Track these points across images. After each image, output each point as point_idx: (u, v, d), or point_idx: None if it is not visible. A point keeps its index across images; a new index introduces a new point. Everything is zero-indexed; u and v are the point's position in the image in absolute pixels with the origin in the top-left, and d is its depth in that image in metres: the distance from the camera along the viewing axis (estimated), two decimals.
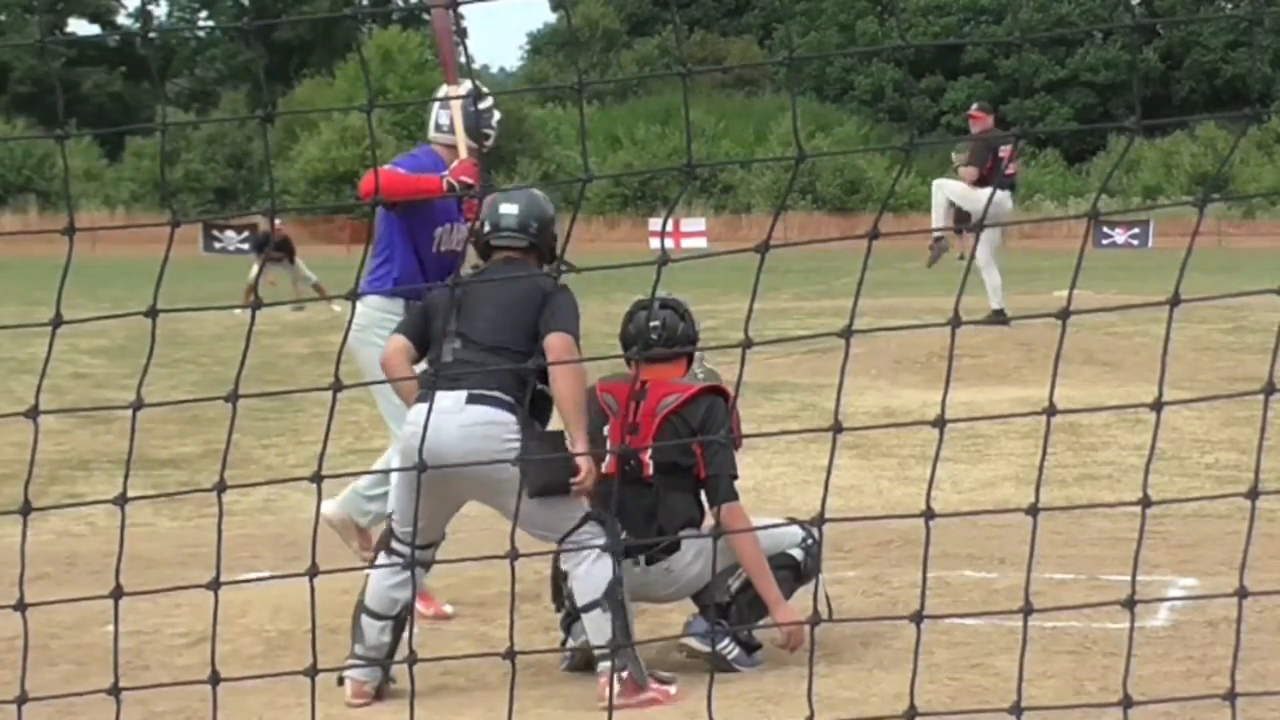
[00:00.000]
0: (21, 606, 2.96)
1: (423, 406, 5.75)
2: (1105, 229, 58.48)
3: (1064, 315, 2.62)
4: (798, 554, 6.22)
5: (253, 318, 2.92)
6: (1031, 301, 24.46)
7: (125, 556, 3.05)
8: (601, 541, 5.83)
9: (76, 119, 73.57)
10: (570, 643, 6.13)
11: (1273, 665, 5.73)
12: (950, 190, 16.56)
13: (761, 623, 6.10)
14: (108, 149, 74.73)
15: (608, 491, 6.01)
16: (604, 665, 5.71)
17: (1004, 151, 16.40)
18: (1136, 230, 58.94)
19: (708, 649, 5.94)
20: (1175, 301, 2.47)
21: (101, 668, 5.71)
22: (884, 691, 5.45)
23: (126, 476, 3.06)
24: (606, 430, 6.19)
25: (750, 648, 6.19)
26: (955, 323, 2.59)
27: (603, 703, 5.59)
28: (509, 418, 5.77)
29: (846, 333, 2.71)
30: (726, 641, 6.09)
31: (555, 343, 5.82)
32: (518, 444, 5.71)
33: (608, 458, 6.12)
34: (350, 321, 3.58)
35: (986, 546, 7.95)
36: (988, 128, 16.94)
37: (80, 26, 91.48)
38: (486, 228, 6.18)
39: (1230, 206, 65.10)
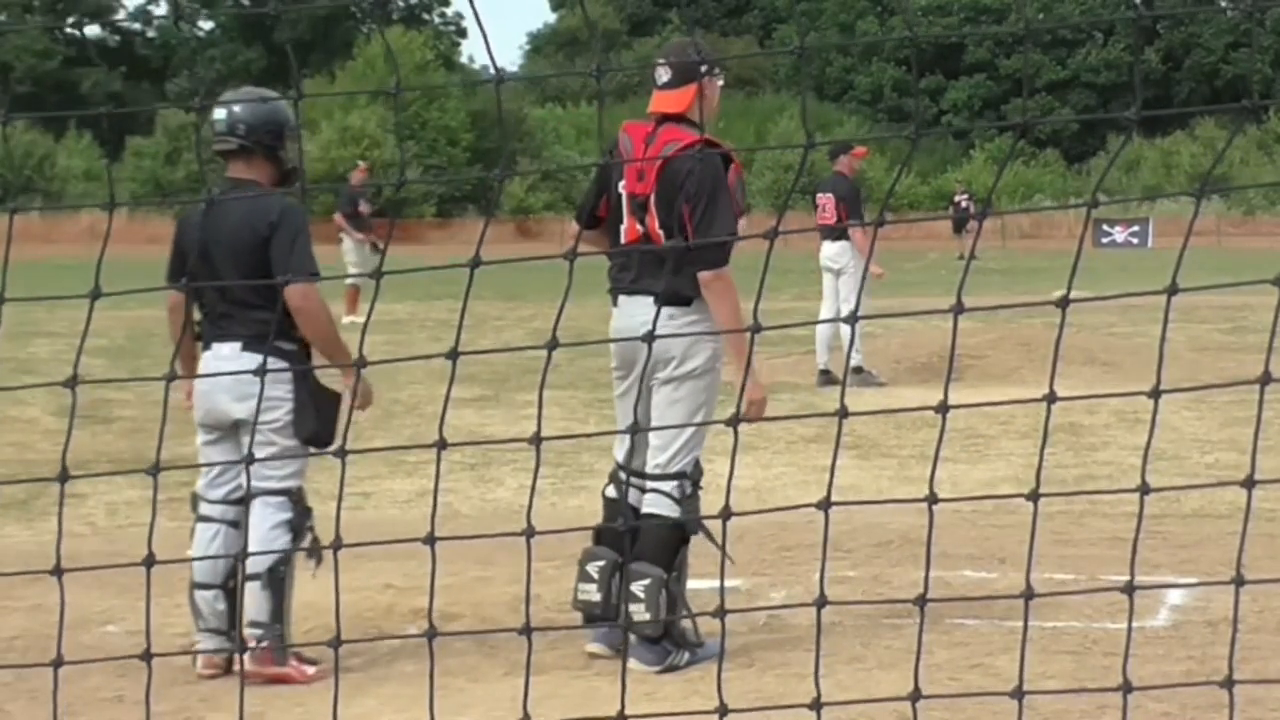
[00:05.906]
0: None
1: (205, 356, 5.87)
2: (1105, 227, 58.55)
3: (1063, 304, 2.63)
4: (671, 511, 5.91)
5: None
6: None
7: (125, 556, 3.05)
8: (288, 516, 5.86)
9: (75, 119, 73.57)
10: (588, 646, 6.12)
11: (1273, 665, 5.73)
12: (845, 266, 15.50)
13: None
14: (108, 149, 74.70)
15: (627, 263, 5.94)
16: (250, 632, 5.80)
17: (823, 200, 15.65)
18: (1136, 229, 58.96)
19: (614, 654, 5.90)
20: (1173, 291, 2.47)
21: (101, 668, 5.71)
22: (884, 692, 5.45)
23: (160, 442, 3.06)
24: (623, 186, 6.00)
25: (694, 645, 6.05)
26: (958, 309, 2.59)
27: (235, 670, 5.83)
28: (283, 364, 5.79)
29: (852, 317, 2.72)
30: (674, 654, 5.96)
31: (293, 297, 5.72)
32: (291, 390, 5.77)
33: (625, 222, 5.97)
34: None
35: (986, 546, 7.96)
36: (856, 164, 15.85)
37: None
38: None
39: (1230, 207, 65.13)
